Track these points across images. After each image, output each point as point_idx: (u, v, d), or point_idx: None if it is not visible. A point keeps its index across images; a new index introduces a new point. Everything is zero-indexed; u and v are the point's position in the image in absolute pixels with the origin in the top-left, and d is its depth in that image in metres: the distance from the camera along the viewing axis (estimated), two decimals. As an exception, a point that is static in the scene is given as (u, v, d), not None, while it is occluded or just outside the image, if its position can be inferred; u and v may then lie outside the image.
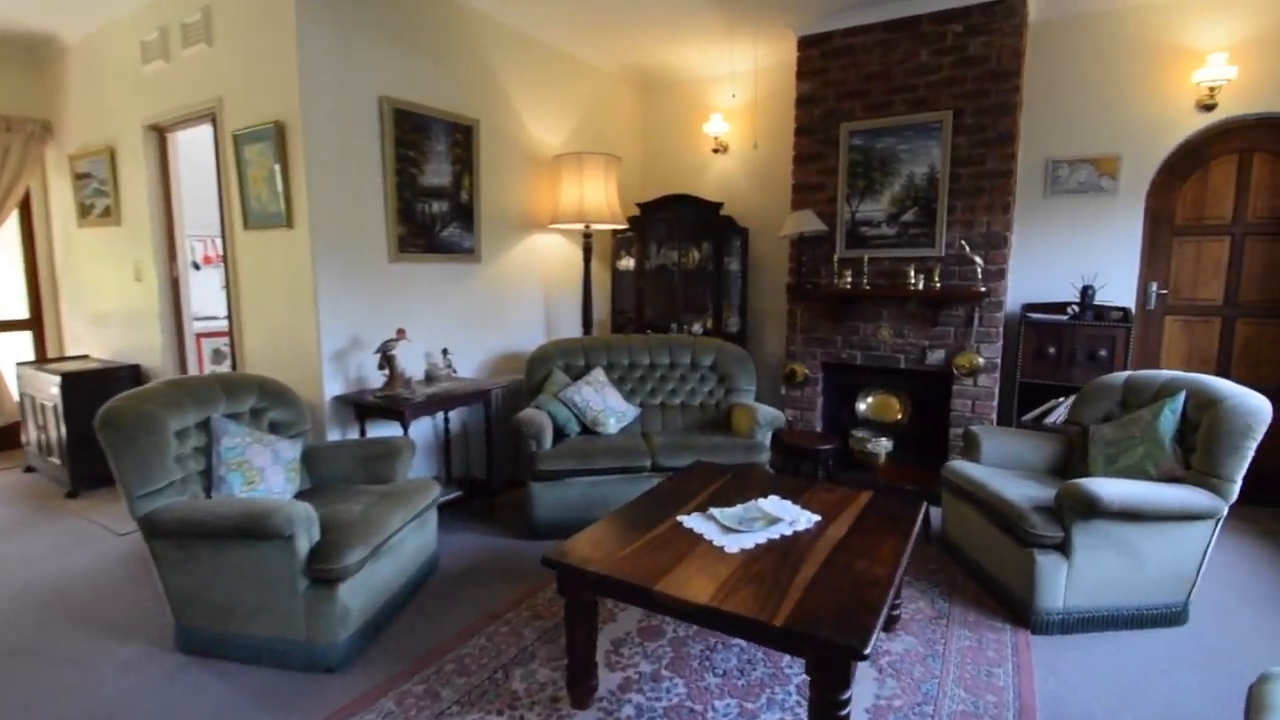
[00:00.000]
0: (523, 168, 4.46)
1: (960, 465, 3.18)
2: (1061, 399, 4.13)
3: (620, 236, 5.19)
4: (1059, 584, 2.54)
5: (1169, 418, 2.74)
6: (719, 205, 4.87)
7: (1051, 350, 4.05)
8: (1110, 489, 2.43)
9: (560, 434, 3.70)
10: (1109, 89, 4.00)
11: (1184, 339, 4.08)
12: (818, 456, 3.81)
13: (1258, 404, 2.51)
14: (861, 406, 4.70)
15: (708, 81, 5.33)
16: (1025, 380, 4.13)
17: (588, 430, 3.79)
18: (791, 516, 2.34)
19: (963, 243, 3.99)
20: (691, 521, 2.31)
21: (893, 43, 4.10)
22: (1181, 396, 2.77)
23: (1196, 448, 2.60)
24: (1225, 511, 2.46)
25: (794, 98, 4.47)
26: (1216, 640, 2.51)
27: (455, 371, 3.84)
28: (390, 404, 3.19)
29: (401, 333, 3.40)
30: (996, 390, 4.05)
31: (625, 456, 3.45)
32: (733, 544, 2.12)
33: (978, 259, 3.92)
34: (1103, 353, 3.91)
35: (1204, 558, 2.55)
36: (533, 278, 4.66)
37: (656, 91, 5.58)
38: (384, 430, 3.51)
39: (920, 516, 2.40)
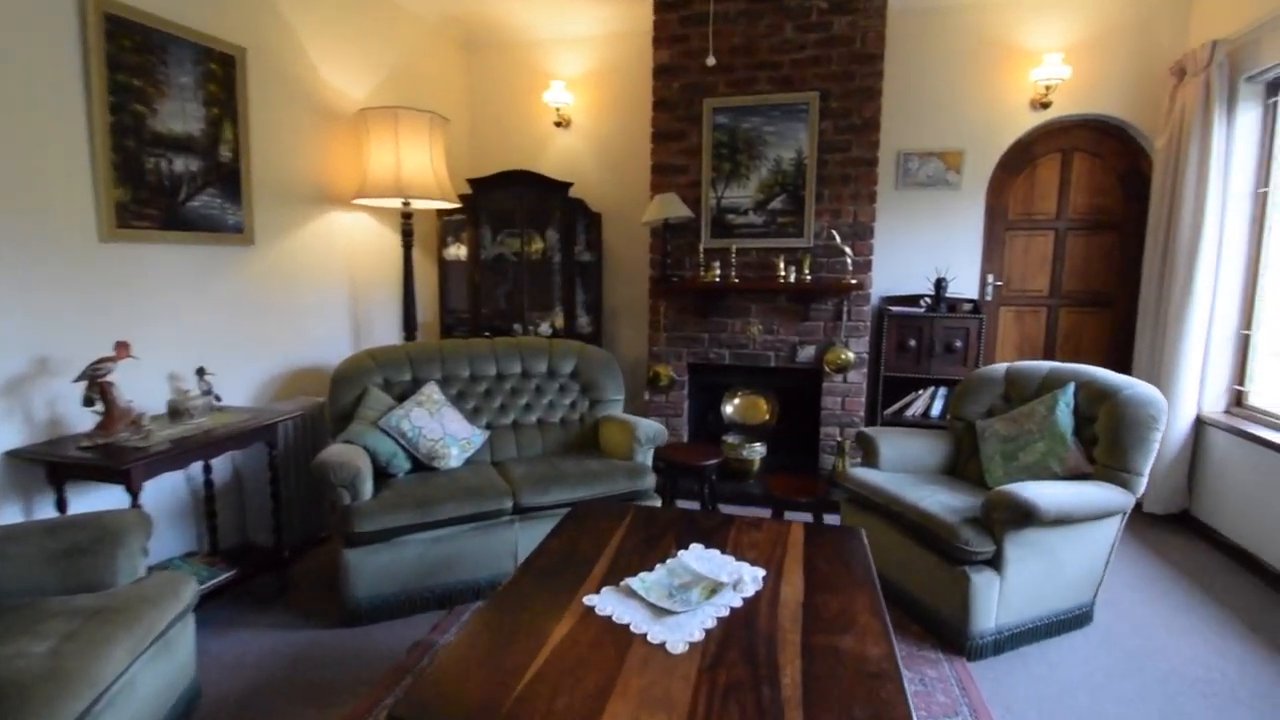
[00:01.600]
0: (316, 123, 3.39)
1: (862, 474, 2.89)
2: (920, 391, 4.13)
3: (448, 219, 4.29)
4: (991, 602, 2.30)
5: (1065, 411, 2.66)
6: (567, 185, 4.20)
7: (912, 343, 4.01)
8: (1044, 495, 2.22)
9: (384, 475, 2.79)
10: (955, 84, 4.06)
11: (1016, 329, 4.30)
12: (703, 473, 3.34)
13: (1153, 394, 2.49)
14: (728, 409, 4.36)
15: (548, 44, 4.62)
16: (889, 374, 4.07)
17: (422, 466, 2.92)
18: (731, 574, 1.79)
19: (832, 232, 3.78)
20: (606, 603, 1.65)
21: (757, 13, 3.76)
22: (1071, 388, 2.72)
23: (1099, 441, 2.53)
24: (1132, 506, 2.40)
25: (651, 68, 3.96)
26: (1131, 640, 2.45)
27: (219, 399, 2.72)
28: (105, 459, 2.06)
29: (123, 348, 2.24)
30: (865, 386, 3.92)
31: (477, 498, 2.65)
32: (676, 637, 1.50)
33: (848, 250, 3.74)
34: (958, 344, 3.95)
35: (1110, 555, 2.48)
36: (334, 268, 3.60)
37: (486, 51, 4.73)
38: (98, 499, 2.33)
39: (869, 553, 1.99)
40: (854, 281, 3.69)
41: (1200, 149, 3.29)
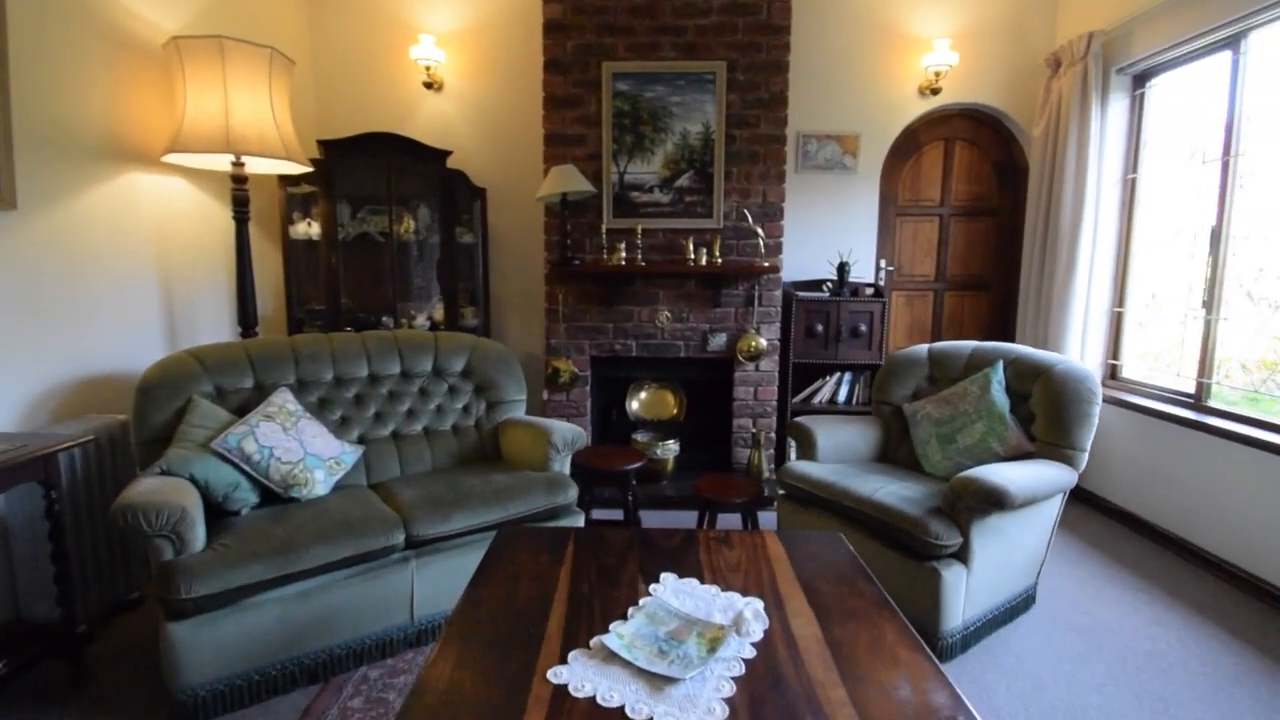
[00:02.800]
0: (110, 55, 2.53)
1: (803, 468, 2.67)
2: (827, 377, 4.05)
3: (294, 190, 3.50)
4: (960, 598, 2.15)
5: (999, 390, 2.62)
6: (445, 154, 3.60)
7: (819, 328, 3.91)
8: (1011, 479, 2.10)
9: (221, 512, 2.10)
10: (853, 66, 4.01)
11: (907, 312, 4.38)
12: (625, 479, 2.95)
13: (1086, 369, 2.49)
14: (634, 405, 4.01)
15: (412, -9, 3.95)
16: (797, 361, 3.94)
17: (275, 498, 2.25)
18: (725, 611, 1.42)
19: (744, 212, 3.56)
20: (580, 677, 1.21)
21: (660, -31, 3.43)
22: (1000, 366, 2.68)
23: (1037, 418, 2.50)
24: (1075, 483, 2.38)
25: (541, 24, 3.49)
26: (1076, 618, 2.44)
27: (-46, 425, 1.87)
28: None
29: None
30: (777, 374, 3.76)
31: (358, 535, 2.05)
32: (691, 718, 1.10)
33: (760, 231, 3.54)
34: (863, 328, 3.91)
35: (1052, 535, 2.45)
36: (138, 246, 2.74)
37: (332, -6, 3.96)
38: None
39: (863, 563, 1.72)
40: (767, 264, 3.50)
41: (1079, 137, 3.47)
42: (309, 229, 3.46)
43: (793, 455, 4.02)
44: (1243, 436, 2.73)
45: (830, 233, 4.13)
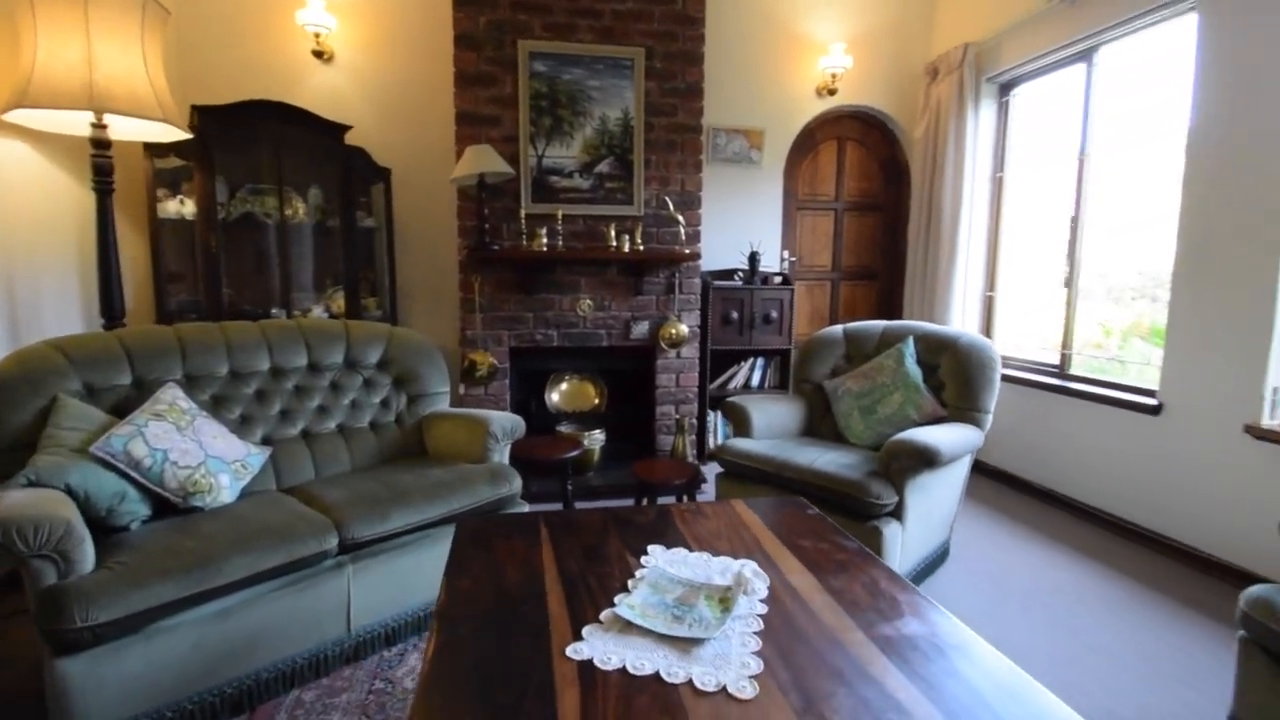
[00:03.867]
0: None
1: (742, 445, 2.73)
2: (742, 363, 4.19)
3: (162, 165, 3.04)
4: (898, 551, 2.30)
5: (912, 363, 2.83)
6: (343, 129, 3.30)
7: (734, 315, 4.04)
8: (937, 438, 2.28)
9: (104, 529, 1.77)
10: (759, 64, 4.17)
11: (808, 301, 4.64)
12: (564, 468, 2.86)
13: (986, 341, 2.76)
14: (555, 397, 3.92)
15: (293, -50, 3.59)
16: (715, 347, 4.04)
17: (171, 508, 1.93)
18: (723, 575, 1.41)
19: (666, 200, 3.59)
20: (603, 650, 1.14)
21: (576, -50, 3.37)
22: (911, 342, 2.91)
23: (946, 386, 2.73)
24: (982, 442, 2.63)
25: (450, -7, 3.31)
26: (986, 566, 2.69)
27: None
28: None
29: None
30: (698, 360, 3.83)
31: (287, 541, 1.81)
32: (731, 675, 1.08)
33: (681, 219, 3.58)
34: (774, 314, 4.09)
35: (964, 491, 2.69)
36: (-41, 219, 2.25)
37: (196, -55, 3.50)
38: None
39: (833, 522, 1.78)
40: (688, 252, 3.55)
41: (956, 139, 3.85)
42: (181, 208, 3.03)
43: (712, 439, 4.12)
44: (1099, 397, 3.16)
45: (739, 224, 4.28)
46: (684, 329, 3.70)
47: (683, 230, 3.60)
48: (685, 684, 1.05)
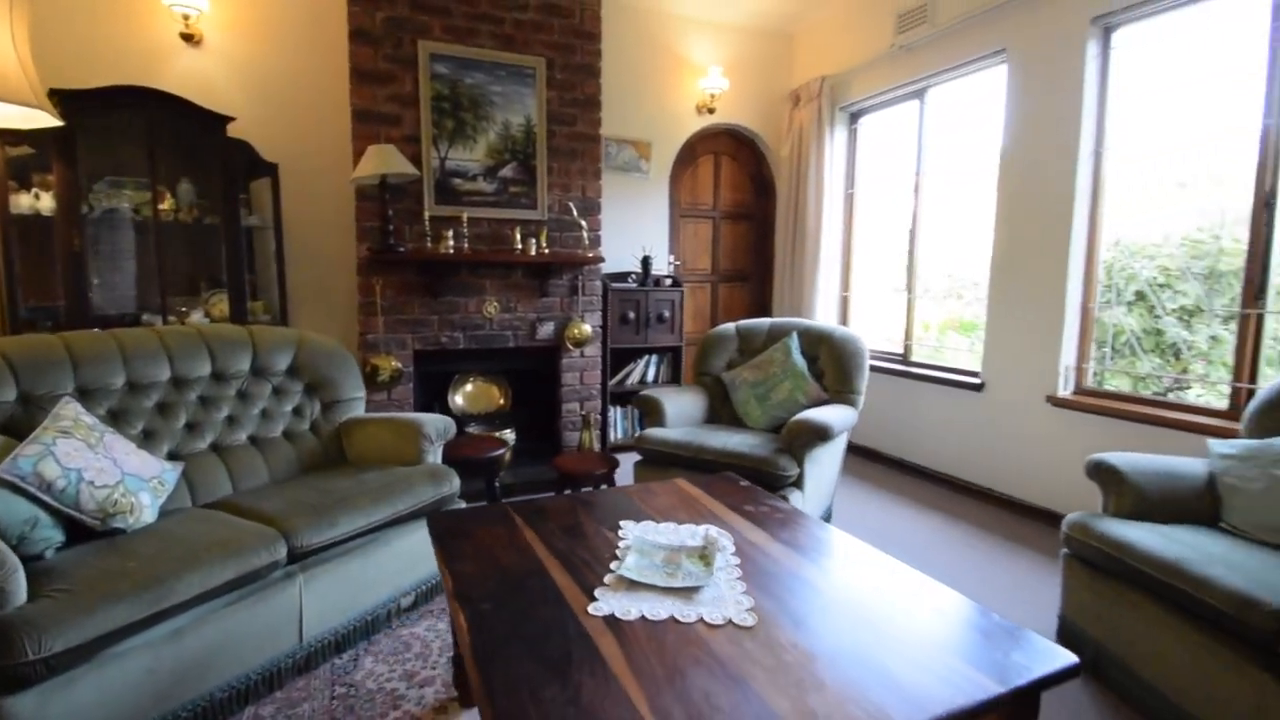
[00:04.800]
0: None
1: (659, 433, 2.98)
2: (637, 361, 4.45)
3: (14, 154, 2.65)
4: (801, 518, 2.67)
5: (798, 354, 3.25)
6: (226, 120, 3.08)
7: (631, 315, 4.29)
8: (828, 417, 2.69)
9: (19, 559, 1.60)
10: (646, 80, 4.45)
11: (692, 301, 5.01)
12: (493, 466, 2.92)
13: (855, 333, 3.24)
14: (459, 399, 3.91)
15: (149, -81, 3.26)
16: (614, 346, 4.26)
17: (87, 533, 1.78)
18: (694, 538, 1.63)
19: (569, 204, 3.75)
20: (620, 606, 1.31)
21: (476, -43, 3.42)
22: (795, 336, 3.33)
23: (825, 374, 3.17)
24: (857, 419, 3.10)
25: (343, -14, 3.22)
26: (864, 526, 3.16)
27: None
28: None
29: None
30: (600, 359, 4.03)
31: (235, 554, 1.75)
32: (733, 610, 1.30)
33: (584, 223, 3.76)
34: (666, 314, 4.40)
35: (842, 462, 3.15)
36: None
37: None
38: None
39: (763, 490, 2.08)
40: (591, 255, 3.74)
41: (817, 159, 4.40)
42: (36, 202, 2.66)
43: (612, 433, 4.33)
44: (935, 379, 3.82)
45: (631, 229, 4.53)
46: (587, 329, 3.88)
47: (585, 235, 3.77)
48: (698, 622, 1.26)
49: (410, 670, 1.98)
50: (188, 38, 3.26)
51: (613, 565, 1.49)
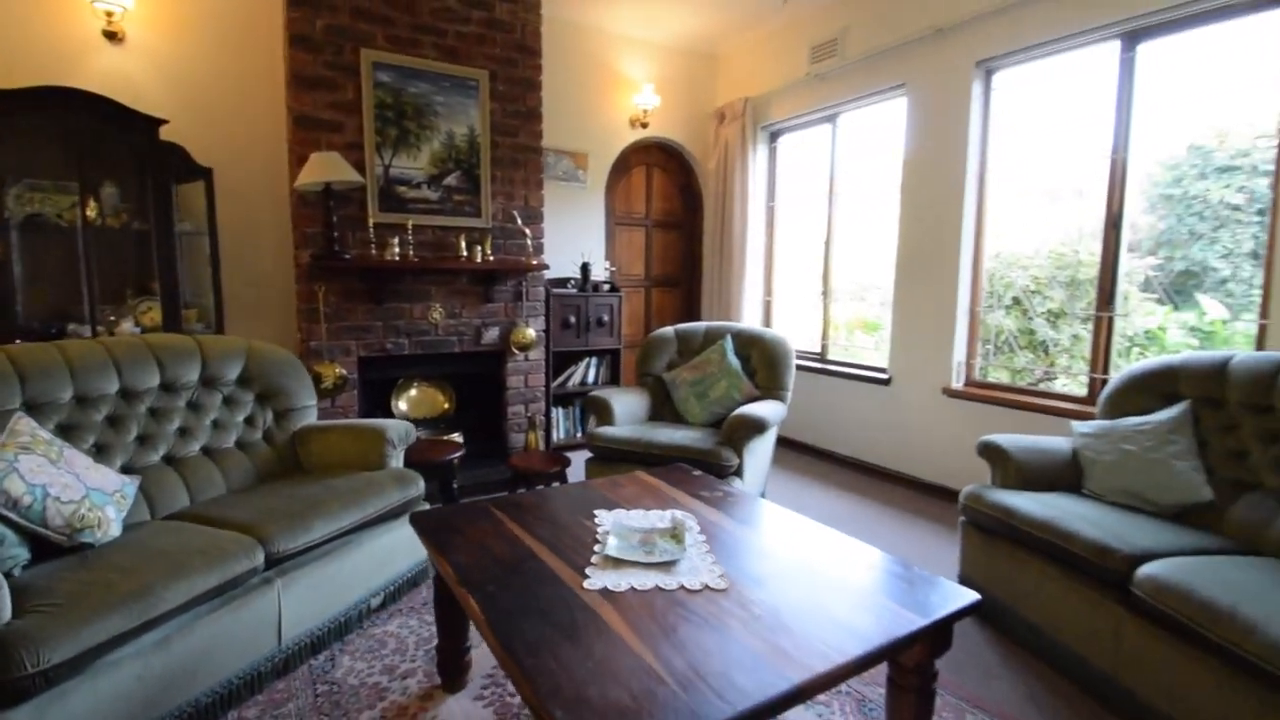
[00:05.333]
0: None
1: (610, 431, 3.17)
2: (578, 363, 4.62)
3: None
4: (741, 504, 2.95)
5: (732, 355, 3.53)
6: (158, 123, 2.99)
7: (572, 320, 4.46)
8: (764, 411, 2.98)
9: (-10, 577, 1.59)
10: (584, 93, 4.62)
11: (627, 305, 5.23)
12: (449, 467, 3.00)
13: (783, 335, 3.56)
14: (402, 405, 3.94)
15: (62, -91, 3.10)
16: (556, 349, 4.41)
17: (53, 550, 1.76)
18: (663, 521, 1.84)
19: (513, 213, 3.87)
20: (612, 581, 1.50)
21: (417, -32, 3.48)
22: (729, 338, 3.62)
23: (758, 372, 3.47)
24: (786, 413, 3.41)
25: (282, -8, 3.20)
26: (795, 502, 3.46)
27: None
28: None
29: None
30: (544, 362, 4.17)
31: (216, 563, 1.78)
32: (709, 576, 1.52)
33: (528, 231, 3.89)
34: (605, 318, 4.60)
35: (773, 451, 3.46)
36: None
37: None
38: None
39: (706, 475, 2.32)
40: (536, 262, 3.87)
41: (741, 173, 4.73)
42: (-50, 206, 2.51)
43: (555, 433, 4.48)
44: (849, 375, 4.23)
45: (570, 236, 4.69)
46: (531, 333, 4.01)
47: (529, 242, 3.90)
48: (679, 589, 1.47)
49: (390, 665, 2.07)
50: (111, 35, 3.13)
51: (596, 548, 1.67)
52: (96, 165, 2.89)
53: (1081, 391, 3.20)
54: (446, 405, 4.06)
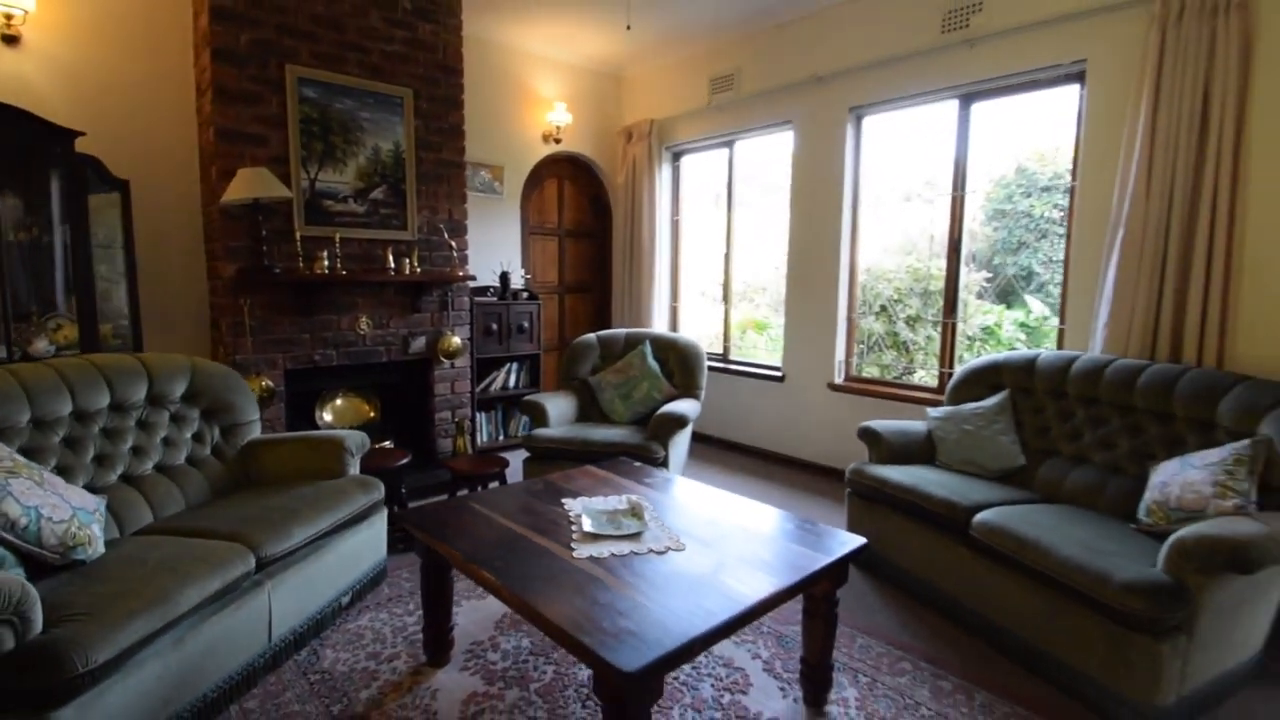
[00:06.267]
0: None
1: (547, 433, 3.48)
2: (499, 369, 4.84)
3: None
4: (667, 490, 3.37)
5: (652, 359, 3.95)
6: (73, 135, 2.90)
7: (494, 327, 4.68)
8: (685, 408, 3.42)
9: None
10: (500, 109, 4.82)
11: (544, 312, 5.50)
12: (399, 474, 3.17)
13: (695, 340, 4.02)
14: (327, 416, 3.99)
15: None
16: (480, 356, 4.61)
17: (45, 569, 1.83)
18: (621, 502, 2.21)
19: (439, 225, 4.03)
20: (595, 550, 1.85)
21: (343, -11, 3.56)
22: (648, 343, 4.03)
23: (674, 374, 3.91)
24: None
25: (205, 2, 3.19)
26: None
27: None
28: None
29: None
30: (469, 369, 4.36)
31: (217, 568, 1.92)
32: (677, 541, 1.91)
33: (454, 244, 4.07)
34: (525, 325, 4.86)
35: (690, 444, 3.92)
36: None
37: None
38: None
39: (645, 465, 2.71)
40: (462, 273, 4.07)
41: (649, 189, 5.16)
42: None
43: (481, 435, 4.68)
44: (749, 373, 4.80)
45: (489, 245, 4.89)
46: (457, 341, 4.19)
47: (455, 254, 4.09)
48: (649, 552, 1.85)
49: (373, 652, 2.28)
50: (9, 39, 2.97)
51: (573, 528, 2.01)
52: (6, 177, 2.77)
53: (934, 383, 3.93)
54: (372, 414, 4.15)
